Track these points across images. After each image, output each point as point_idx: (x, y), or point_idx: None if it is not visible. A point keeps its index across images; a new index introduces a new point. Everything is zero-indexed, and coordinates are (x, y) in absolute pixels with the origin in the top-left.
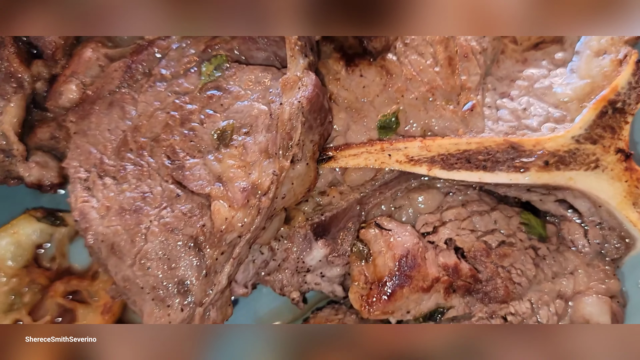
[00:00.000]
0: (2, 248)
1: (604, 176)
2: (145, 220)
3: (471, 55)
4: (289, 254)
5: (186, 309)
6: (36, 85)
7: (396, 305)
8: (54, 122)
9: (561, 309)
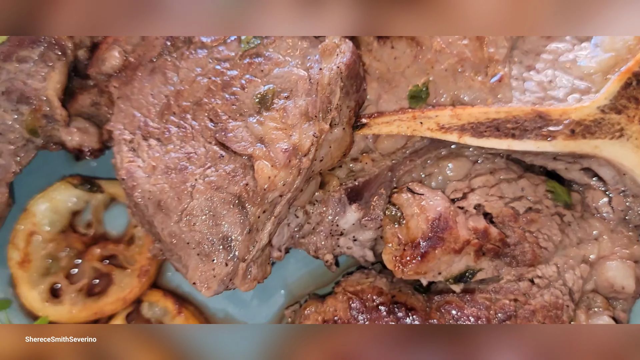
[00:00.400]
0: (40, 213)
1: (628, 145)
2: (190, 179)
3: None
4: (323, 217)
5: (230, 264)
6: (78, 53)
7: (429, 265)
8: (95, 89)
9: (586, 273)
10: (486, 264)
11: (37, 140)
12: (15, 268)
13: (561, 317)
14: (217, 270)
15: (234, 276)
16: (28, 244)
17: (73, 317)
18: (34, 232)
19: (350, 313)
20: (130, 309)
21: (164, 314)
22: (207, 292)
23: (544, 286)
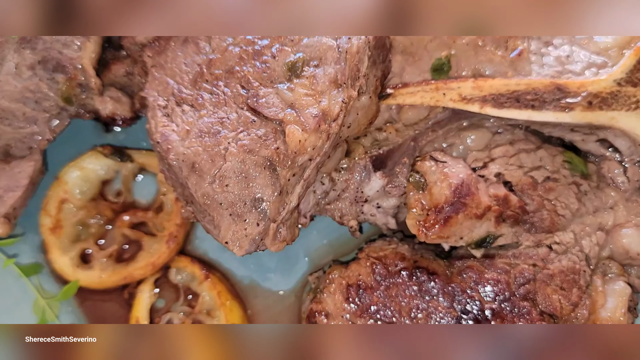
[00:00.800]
0: (72, 182)
1: None
2: (223, 142)
3: None
4: (348, 184)
5: (261, 224)
6: None
7: (451, 230)
8: (128, 59)
9: (602, 240)
10: (506, 230)
11: (71, 109)
12: (47, 234)
13: (578, 281)
14: (249, 230)
15: (265, 236)
16: (59, 211)
17: (103, 282)
18: (65, 199)
19: (374, 277)
20: (159, 275)
21: (192, 280)
22: (239, 251)
23: (561, 252)
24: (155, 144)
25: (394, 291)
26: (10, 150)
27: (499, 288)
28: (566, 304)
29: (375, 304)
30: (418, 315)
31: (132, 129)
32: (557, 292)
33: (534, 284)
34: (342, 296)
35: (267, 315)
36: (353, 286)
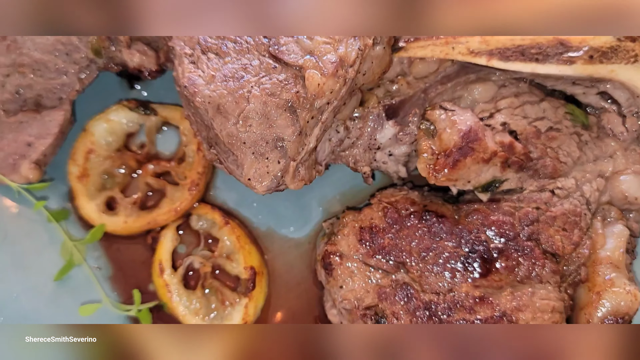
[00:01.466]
0: (98, 133)
1: None
2: (246, 86)
3: None
4: (362, 132)
5: (282, 162)
6: None
7: (459, 173)
8: None
9: (602, 186)
10: (511, 175)
11: (100, 62)
12: (75, 182)
13: (579, 223)
14: (271, 168)
15: (285, 174)
16: (86, 160)
17: (127, 227)
18: (92, 150)
19: (385, 220)
20: (181, 222)
21: (212, 226)
22: (261, 188)
23: (563, 196)
24: (182, 89)
25: (404, 233)
26: (42, 101)
27: (504, 229)
28: (568, 244)
29: (387, 245)
30: (429, 254)
31: (155, 86)
32: (559, 232)
33: (537, 225)
34: (355, 238)
35: (283, 261)
36: (365, 229)
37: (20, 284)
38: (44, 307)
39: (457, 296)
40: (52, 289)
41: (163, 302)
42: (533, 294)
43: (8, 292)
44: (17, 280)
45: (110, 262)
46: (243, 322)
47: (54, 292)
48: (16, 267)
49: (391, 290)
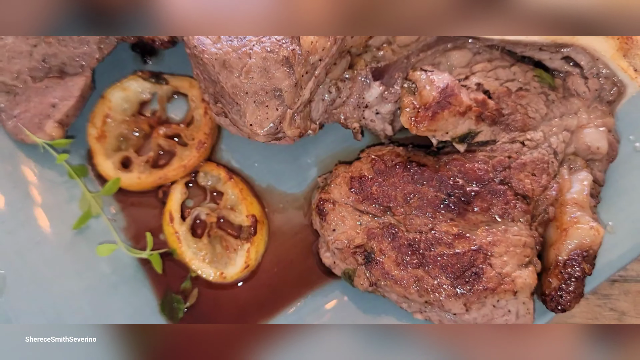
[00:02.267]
0: (115, 100)
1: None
2: (249, 44)
3: None
4: (352, 91)
5: (280, 109)
6: None
7: (438, 124)
8: None
9: (567, 139)
10: (485, 128)
11: None
12: (93, 142)
13: (547, 169)
14: (270, 114)
15: (283, 120)
16: (104, 124)
17: (140, 183)
18: (109, 115)
19: (374, 171)
20: (189, 179)
21: (217, 181)
22: (262, 132)
23: (532, 147)
24: (192, 49)
25: (390, 181)
26: (65, 68)
27: (479, 175)
28: (537, 187)
29: (375, 192)
30: (412, 198)
31: (165, 61)
32: (529, 177)
33: (509, 171)
34: (346, 186)
35: (281, 213)
36: (355, 178)
37: (42, 233)
38: (64, 253)
39: (438, 234)
40: (71, 237)
41: (172, 249)
42: (506, 230)
43: (30, 239)
44: (38, 230)
45: (124, 215)
46: (245, 266)
47: (72, 239)
48: (38, 218)
49: (379, 230)
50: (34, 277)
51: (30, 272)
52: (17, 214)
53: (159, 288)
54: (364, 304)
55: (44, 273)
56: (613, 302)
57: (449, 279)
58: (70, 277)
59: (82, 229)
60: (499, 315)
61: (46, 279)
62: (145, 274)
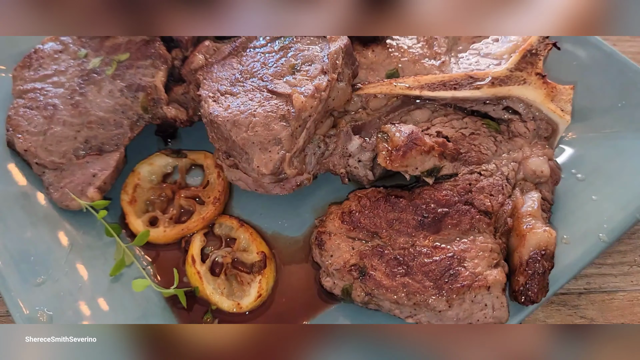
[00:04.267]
0: (143, 173)
1: (530, 87)
2: (253, 108)
3: (440, 39)
4: (337, 144)
5: (280, 152)
6: (175, 63)
7: (409, 161)
8: (184, 84)
9: (516, 167)
10: (447, 164)
11: (146, 116)
12: (126, 205)
13: (502, 191)
14: (273, 156)
15: (283, 162)
16: (134, 191)
17: (166, 235)
18: (138, 184)
19: (360, 206)
20: (206, 230)
21: (230, 230)
22: (267, 170)
23: (488, 175)
24: (208, 116)
25: (375, 212)
26: (103, 147)
27: (447, 199)
28: (495, 204)
29: (363, 222)
30: (394, 223)
31: (183, 141)
32: (488, 197)
33: (470, 194)
34: (339, 220)
35: (286, 253)
36: (346, 212)
37: (82, 280)
38: (102, 295)
39: (418, 247)
40: (108, 283)
41: (195, 287)
42: (474, 240)
43: (73, 284)
44: (79, 278)
45: (152, 265)
46: (258, 295)
47: (109, 285)
48: (79, 269)
49: (369, 251)
50: (75, 316)
51: (74, 311)
52: (62, 266)
53: (184, 322)
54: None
55: (85, 312)
56: (582, 311)
57: (432, 282)
58: (106, 314)
59: (117, 276)
60: (478, 310)
61: (87, 316)
62: (171, 311)
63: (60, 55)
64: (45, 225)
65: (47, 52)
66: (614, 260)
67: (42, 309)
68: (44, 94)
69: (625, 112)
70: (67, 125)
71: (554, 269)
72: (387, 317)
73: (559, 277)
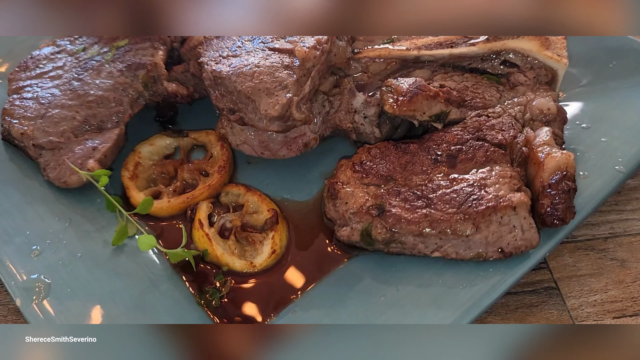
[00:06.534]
0: (144, 153)
1: (524, 39)
2: (256, 61)
3: None
4: (341, 101)
5: (287, 96)
6: (174, 45)
7: (415, 105)
8: (183, 63)
9: (522, 109)
10: (453, 109)
11: (146, 94)
12: (127, 181)
13: (513, 126)
14: (280, 99)
15: (291, 105)
16: (135, 168)
17: (170, 205)
18: (139, 162)
19: (371, 155)
20: (212, 200)
21: (237, 197)
22: (275, 112)
23: (496, 116)
24: (210, 75)
25: (387, 159)
26: (103, 125)
27: (458, 138)
28: (508, 137)
29: (375, 168)
30: (408, 166)
31: (183, 125)
32: (499, 132)
33: (482, 132)
34: (350, 170)
35: (296, 216)
36: (357, 163)
37: (83, 250)
38: (105, 262)
39: (437, 181)
40: (111, 252)
41: (204, 250)
42: (492, 169)
43: (73, 254)
44: (80, 248)
45: (156, 237)
46: (272, 251)
47: (112, 254)
48: (80, 240)
49: (385, 192)
50: (77, 282)
51: (74, 278)
52: (61, 238)
53: (193, 287)
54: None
55: (87, 278)
56: (611, 253)
57: (455, 208)
58: (111, 280)
59: (120, 247)
60: (507, 232)
61: (89, 282)
62: (179, 277)
63: (57, 55)
64: (42, 204)
65: (43, 55)
66: (634, 206)
67: (39, 277)
68: (40, 86)
69: (618, 69)
70: (66, 107)
71: (577, 199)
72: (409, 262)
73: (582, 206)
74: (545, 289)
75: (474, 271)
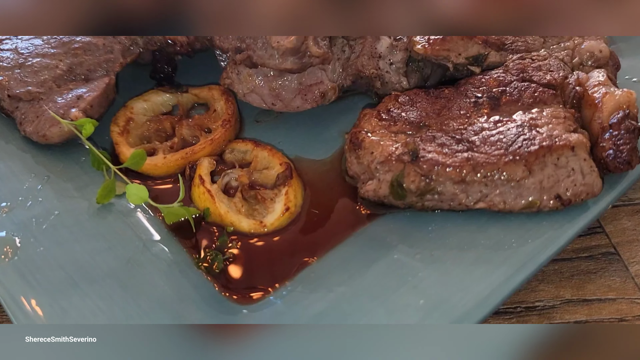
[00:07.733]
0: (137, 109)
1: None
2: None
3: None
4: (364, 46)
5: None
6: None
7: (449, 46)
8: None
9: (570, 53)
10: (493, 52)
11: (140, 41)
12: (116, 136)
13: (562, 68)
14: None
15: (307, 37)
16: (126, 124)
17: (167, 162)
18: (132, 118)
19: (399, 103)
20: (216, 157)
21: (244, 153)
22: (289, 43)
23: (542, 59)
24: None
25: (417, 105)
26: (90, 75)
27: (500, 80)
28: (558, 77)
29: (405, 114)
30: (443, 111)
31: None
32: (548, 73)
33: (527, 73)
34: (376, 119)
35: (312, 174)
36: (383, 110)
37: (62, 207)
38: (87, 220)
39: (478, 123)
40: (95, 210)
41: (205, 209)
42: (542, 110)
43: (49, 211)
44: (57, 205)
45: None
46: (286, 208)
47: (97, 211)
48: (59, 198)
49: (418, 138)
50: (52, 239)
51: (48, 235)
52: (36, 195)
53: (192, 252)
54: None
55: (64, 235)
56: None
57: (502, 149)
58: (93, 240)
59: (106, 206)
60: (564, 176)
61: (66, 240)
62: (176, 240)
63: None
64: (17, 161)
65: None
66: None
67: (8, 235)
68: (20, 37)
69: None
70: (48, 56)
71: None
72: (447, 219)
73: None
74: (604, 254)
75: (525, 225)
